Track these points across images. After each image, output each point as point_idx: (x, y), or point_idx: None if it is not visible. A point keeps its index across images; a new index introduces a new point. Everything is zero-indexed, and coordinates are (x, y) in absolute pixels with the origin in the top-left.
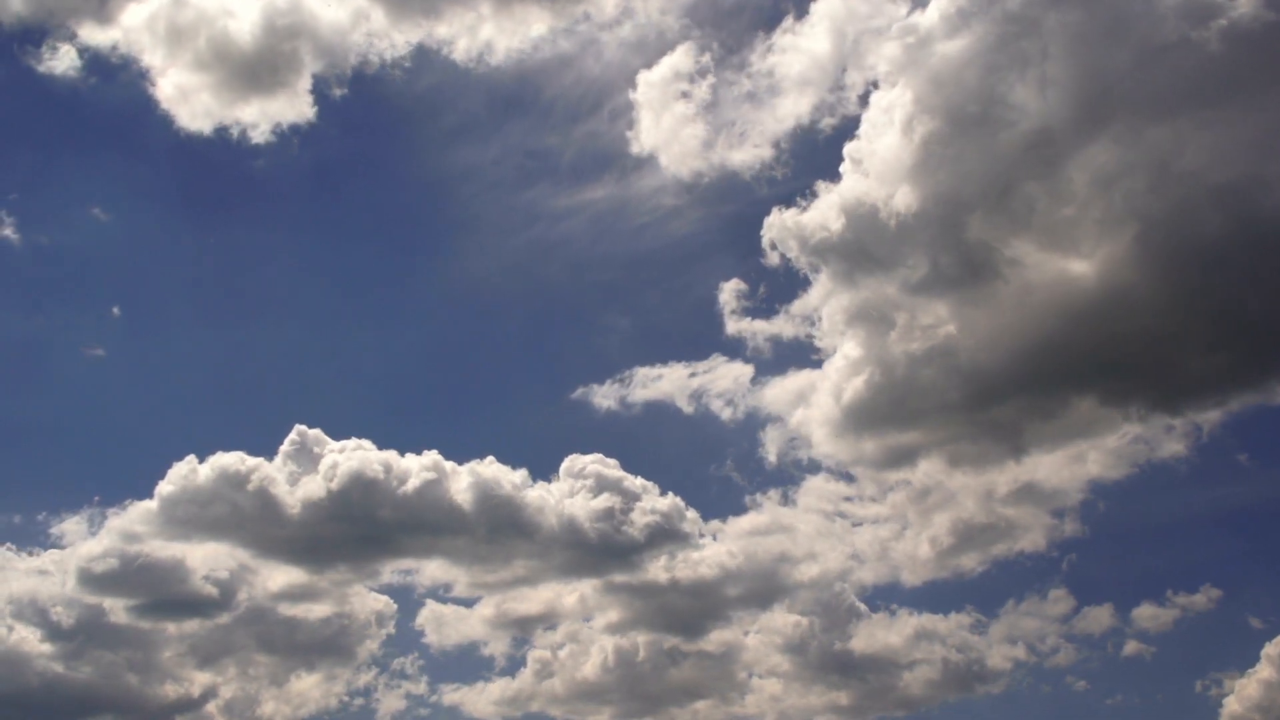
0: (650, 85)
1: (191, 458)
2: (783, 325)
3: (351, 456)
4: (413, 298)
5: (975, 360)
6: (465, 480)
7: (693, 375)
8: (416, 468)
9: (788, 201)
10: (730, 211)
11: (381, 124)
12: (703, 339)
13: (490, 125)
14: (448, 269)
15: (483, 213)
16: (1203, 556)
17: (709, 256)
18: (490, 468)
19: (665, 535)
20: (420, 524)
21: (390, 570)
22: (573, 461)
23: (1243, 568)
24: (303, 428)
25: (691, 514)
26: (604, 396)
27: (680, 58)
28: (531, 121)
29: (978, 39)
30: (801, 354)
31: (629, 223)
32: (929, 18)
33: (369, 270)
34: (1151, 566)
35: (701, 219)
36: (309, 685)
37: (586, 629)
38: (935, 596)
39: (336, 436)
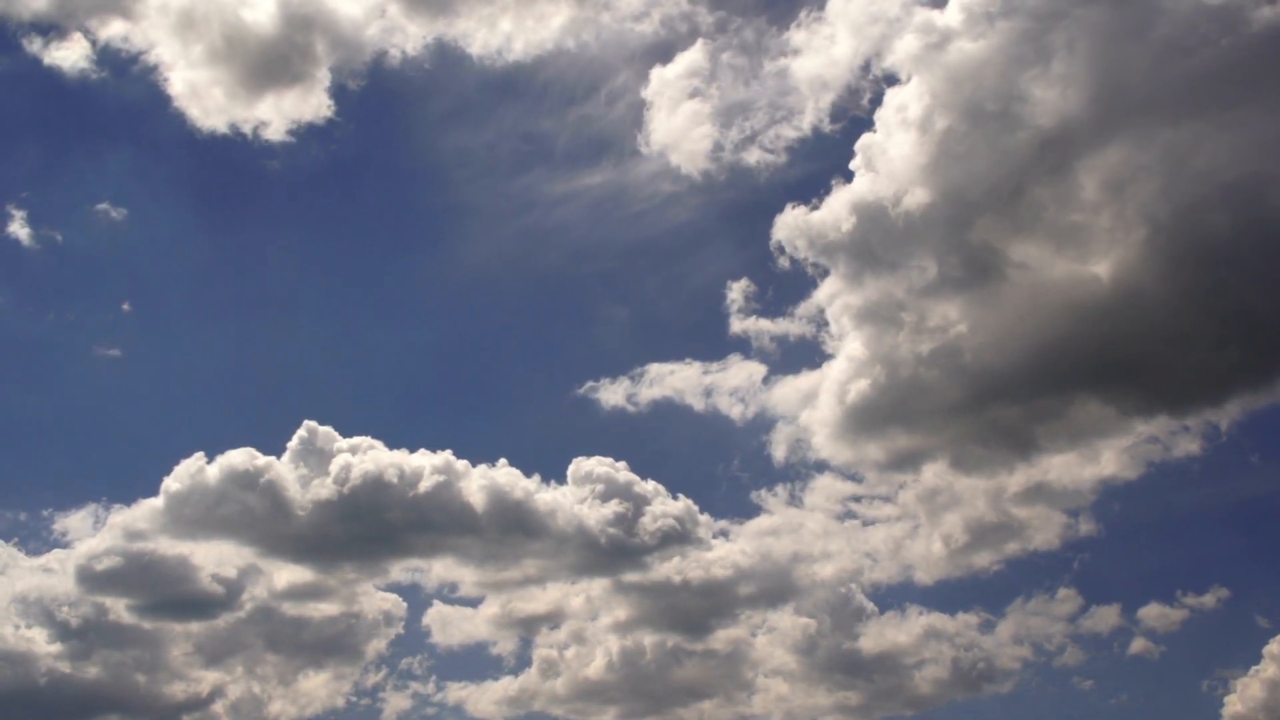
0: (664, 81)
1: (199, 455)
2: (789, 325)
3: (362, 456)
4: (418, 293)
5: (983, 361)
6: (475, 482)
7: (705, 374)
8: (426, 467)
9: (801, 198)
10: (732, 199)
11: (398, 120)
12: (711, 336)
13: (496, 116)
14: (454, 264)
15: (488, 203)
16: (1213, 556)
17: (712, 245)
18: (502, 472)
19: (676, 538)
20: (428, 523)
21: (399, 569)
22: (579, 465)
23: (1252, 567)
24: (312, 424)
25: (704, 517)
26: (611, 393)
27: (695, 54)
28: (530, 106)
29: (998, 36)
30: (809, 354)
31: (627, 209)
32: (949, 15)
33: (376, 266)
34: (1161, 566)
35: (701, 206)
36: (316, 684)
37: (592, 628)
38: (942, 596)
39: (345, 433)
